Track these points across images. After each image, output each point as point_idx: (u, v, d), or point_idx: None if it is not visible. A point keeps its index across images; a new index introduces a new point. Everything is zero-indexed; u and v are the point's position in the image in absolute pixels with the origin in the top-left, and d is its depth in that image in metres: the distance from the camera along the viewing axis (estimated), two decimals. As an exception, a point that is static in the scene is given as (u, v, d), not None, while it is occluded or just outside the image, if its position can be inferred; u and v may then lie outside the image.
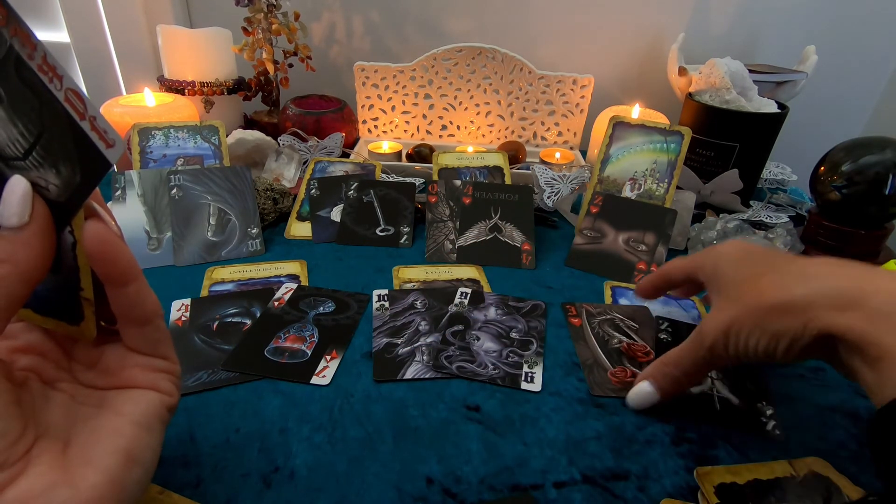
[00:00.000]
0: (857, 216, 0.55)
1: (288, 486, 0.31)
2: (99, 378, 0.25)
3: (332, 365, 0.40)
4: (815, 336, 0.28)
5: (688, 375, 0.35)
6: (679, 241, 0.60)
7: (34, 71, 0.20)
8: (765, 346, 0.30)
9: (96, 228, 0.23)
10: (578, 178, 0.66)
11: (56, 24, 0.88)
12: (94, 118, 0.22)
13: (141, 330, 0.26)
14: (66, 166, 0.22)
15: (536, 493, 0.31)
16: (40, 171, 0.22)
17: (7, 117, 0.22)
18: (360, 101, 0.82)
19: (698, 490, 0.31)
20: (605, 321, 0.46)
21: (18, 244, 0.21)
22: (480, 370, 0.40)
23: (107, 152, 0.22)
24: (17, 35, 0.20)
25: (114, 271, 0.24)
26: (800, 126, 0.88)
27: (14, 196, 0.22)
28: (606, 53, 0.92)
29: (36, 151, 0.22)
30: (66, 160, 0.22)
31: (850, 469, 0.32)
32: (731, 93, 0.65)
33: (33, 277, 0.22)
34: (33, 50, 0.20)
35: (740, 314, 0.31)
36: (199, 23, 0.93)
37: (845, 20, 0.88)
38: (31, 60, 0.20)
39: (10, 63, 0.20)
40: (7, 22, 0.20)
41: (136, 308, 0.25)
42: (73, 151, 0.22)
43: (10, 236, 0.21)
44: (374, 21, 0.92)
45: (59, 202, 0.23)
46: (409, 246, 0.59)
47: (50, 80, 0.21)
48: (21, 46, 0.20)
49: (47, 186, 0.22)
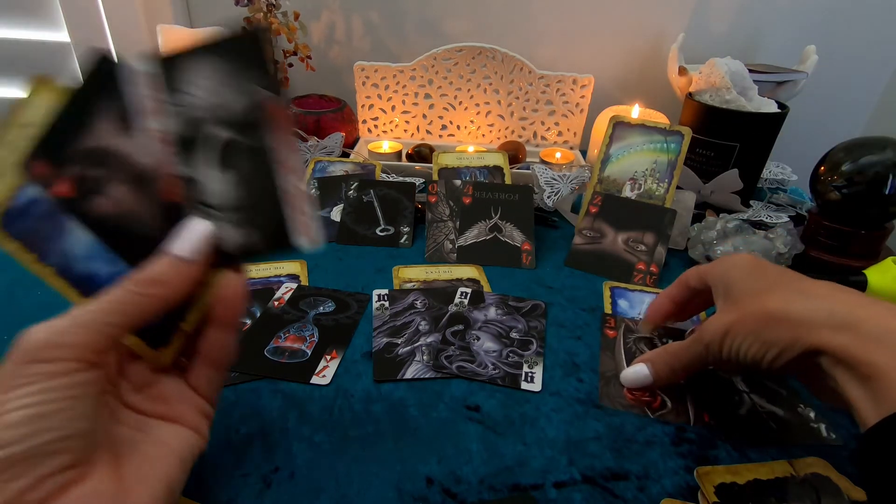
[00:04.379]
0: (857, 216, 0.55)
1: (288, 486, 0.31)
2: (145, 403, 0.26)
3: (332, 365, 0.40)
4: (803, 350, 0.29)
5: (684, 368, 0.37)
6: (679, 241, 0.60)
7: (280, 166, 0.26)
8: (754, 353, 0.31)
9: (239, 280, 0.27)
10: (578, 177, 0.66)
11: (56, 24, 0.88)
12: (305, 214, 0.26)
13: (213, 373, 0.28)
14: (255, 235, 0.26)
15: (536, 493, 0.31)
16: (229, 227, 0.26)
17: (232, 181, 0.26)
18: (360, 101, 0.82)
19: (698, 490, 0.31)
20: (643, 339, 0.45)
21: (178, 273, 0.25)
22: (480, 370, 0.40)
23: (302, 242, 0.26)
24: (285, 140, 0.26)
25: (231, 318, 0.27)
26: (800, 126, 0.88)
27: (195, 234, 0.25)
28: (606, 53, 0.92)
29: (237, 213, 0.26)
30: (259, 229, 0.26)
31: (850, 469, 0.32)
32: (731, 93, 0.65)
33: (174, 303, 0.25)
34: (290, 153, 0.26)
35: (740, 319, 0.32)
36: (199, 23, 0.93)
37: (845, 20, 0.88)
38: (284, 160, 0.26)
39: (265, 152, 0.26)
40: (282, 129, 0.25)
41: (223, 353, 0.28)
42: (269, 229, 0.26)
43: (174, 263, 0.25)
44: (374, 21, 0.92)
45: (226, 252, 0.26)
46: (409, 246, 0.59)
47: (287, 175, 0.26)
48: (282, 147, 0.25)
49: (226, 239, 0.26)
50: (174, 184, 0.26)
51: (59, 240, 0.26)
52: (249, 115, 0.26)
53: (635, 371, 0.38)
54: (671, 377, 0.38)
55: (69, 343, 0.22)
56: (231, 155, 0.26)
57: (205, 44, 0.26)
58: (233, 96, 0.26)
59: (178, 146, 0.27)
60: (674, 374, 0.37)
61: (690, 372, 0.37)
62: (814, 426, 0.37)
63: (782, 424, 0.37)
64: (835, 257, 0.57)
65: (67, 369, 0.21)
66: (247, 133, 0.26)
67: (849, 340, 0.27)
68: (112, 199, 0.26)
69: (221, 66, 0.26)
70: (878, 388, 0.26)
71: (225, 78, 0.26)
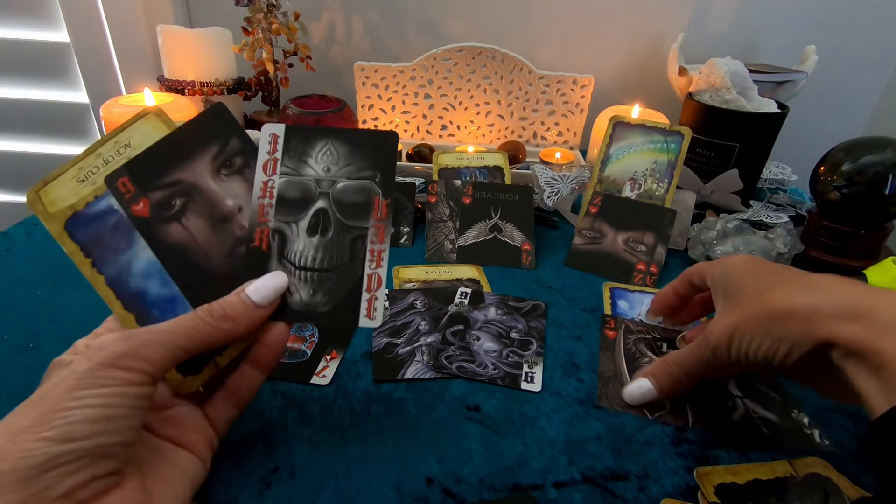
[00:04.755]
0: (857, 216, 0.55)
1: (288, 486, 0.31)
2: (159, 425, 0.27)
3: (332, 365, 0.40)
4: (814, 344, 0.29)
5: (689, 376, 0.36)
6: (679, 241, 0.60)
7: (366, 248, 0.29)
8: (765, 351, 0.31)
9: (284, 330, 0.29)
10: (578, 178, 0.66)
11: (56, 24, 0.88)
12: (376, 298, 0.29)
13: (232, 409, 0.30)
14: (323, 298, 0.29)
15: (536, 493, 0.31)
16: (303, 286, 0.29)
17: (316, 245, 0.29)
18: (360, 101, 0.82)
19: (698, 490, 0.31)
20: (642, 340, 0.45)
21: (247, 315, 0.27)
22: (480, 370, 0.40)
23: (362, 319, 0.29)
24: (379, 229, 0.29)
25: (269, 362, 0.29)
26: (800, 126, 0.88)
27: (272, 284, 0.28)
28: (606, 53, 0.92)
29: (312, 273, 0.29)
30: (327, 295, 0.29)
31: (850, 469, 0.32)
32: (731, 93, 0.65)
33: (233, 340, 0.27)
34: (379, 242, 0.29)
35: (746, 318, 0.32)
36: (199, 23, 0.93)
37: (845, 20, 0.88)
38: (371, 244, 0.29)
39: (357, 233, 0.29)
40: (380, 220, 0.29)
41: (249, 391, 0.30)
42: (338, 297, 0.29)
43: (248, 306, 0.27)
44: (374, 21, 0.92)
45: (290, 307, 0.29)
46: (409, 246, 0.59)
47: (371, 260, 0.29)
48: (373, 234, 0.29)
49: (294, 294, 0.29)
50: (265, 233, 0.29)
51: (122, 253, 0.28)
52: (355, 198, 0.29)
53: (638, 386, 0.37)
54: (675, 388, 0.36)
55: (147, 357, 0.23)
56: (323, 222, 0.29)
57: (339, 129, 0.30)
58: (346, 176, 0.29)
59: (279, 202, 0.29)
60: (678, 385, 0.36)
61: (696, 380, 0.36)
62: (807, 432, 0.36)
63: (775, 430, 0.36)
64: (835, 257, 0.57)
65: (139, 380, 0.22)
66: (346, 213, 0.29)
67: (860, 330, 0.27)
68: (186, 229, 0.29)
69: (348, 149, 0.29)
70: (889, 378, 0.25)
71: (346, 160, 0.29)
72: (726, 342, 0.32)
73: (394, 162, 0.29)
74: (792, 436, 0.36)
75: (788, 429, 0.36)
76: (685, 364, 0.35)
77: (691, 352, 0.35)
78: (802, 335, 0.29)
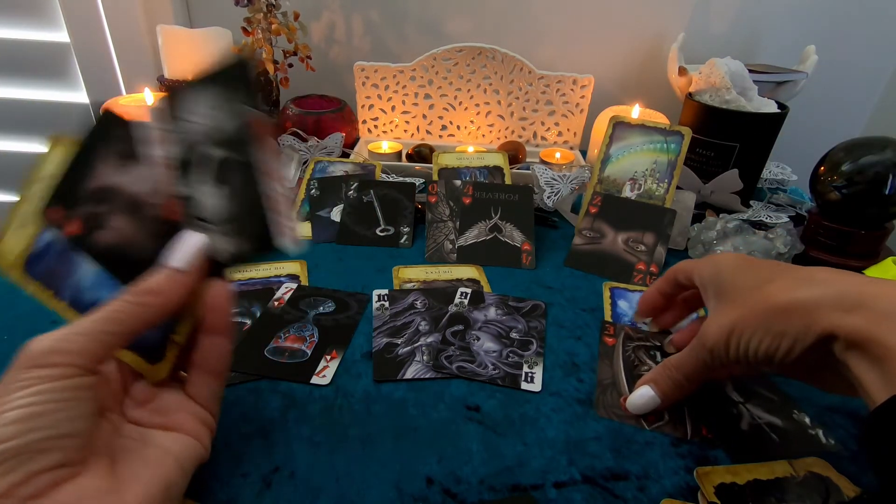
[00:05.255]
0: (857, 216, 0.55)
1: (288, 486, 0.31)
2: (147, 416, 0.28)
3: (332, 365, 0.40)
4: (816, 337, 0.28)
5: (689, 379, 0.35)
6: (679, 241, 0.60)
7: (266, 176, 0.28)
8: (766, 348, 0.30)
9: (225, 288, 0.28)
10: (578, 178, 0.66)
11: (56, 24, 0.88)
12: (288, 219, 0.28)
13: (210, 381, 0.29)
14: (245, 241, 0.28)
15: (536, 493, 0.31)
16: (221, 237, 0.28)
17: (225, 195, 0.28)
18: (360, 101, 0.82)
19: (698, 490, 0.31)
20: (641, 347, 0.44)
21: (174, 283, 0.26)
22: (480, 370, 0.40)
23: (286, 244, 0.28)
24: (270, 153, 0.28)
25: (221, 323, 0.28)
26: (800, 126, 0.88)
27: (189, 247, 0.27)
28: (606, 53, 0.92)
29: (229, 224, 0.28)
30: (247, 237, 0.28)
31: (850, 469, 0.32)
32: (731, 93, 0.65)
33: (169, 313, 0.27)
34: (276, 164, 0.28)
35: (744, 316, 0.31)
36: (199, 23, 0.93)
37: (845, 20, 0.88)
38: (269, 171, 0.28)
39: (254, 166, 0.28)
40: (268, 143, 0.28)
41: (218, 360, 0.29)
42: (256, 234, 0.28)
43: (170, 274, 0.26)
44: (374, 21, 0.92)
45: (216, 262, 0.28)
46: (409, 246, 0.59)
47: (274, 184, 0.28)
48: (267, 160, 0.28)
49: (218, 249, 0.28)
50: (174, 203, 0.29)
51: (72, 275, 0.29)
52: (239, 133, 0.28)
53: (641, 395, 0.36)
54: (677, 393, 0.36)
55: (68, 350, 0.23)
56: (225, 171, 0.29)
57: (201, 75, 0.29)
58: (225, 118, 0.29)
59: (180, 169, 0.29)
60: (680, 390, 0.36)
61: (697, 383, 0.35)
62: (811, 433, 0.36)
63: (783, 435, 0.36)
64: (835, 257, 0.57)
65: (64, 374, 0.22)
66: (237, 149, 0.28)
67: (861, 320, 0.27)
68: (113, 229, 0.29)
69: (215, 92, 0.29)
70: (890, 368, 0.25)
71: (218, 102, 0.29)
72: (724, 342, 0.32)
73: (252, 76, 0.29)
74: (798, 439, 0.36)
75: (794, 432, 0.36)
76: (684, 367, 0.35)
77: (689, 355, 0.35)
78: (804, 329, 0.29)
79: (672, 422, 0.37)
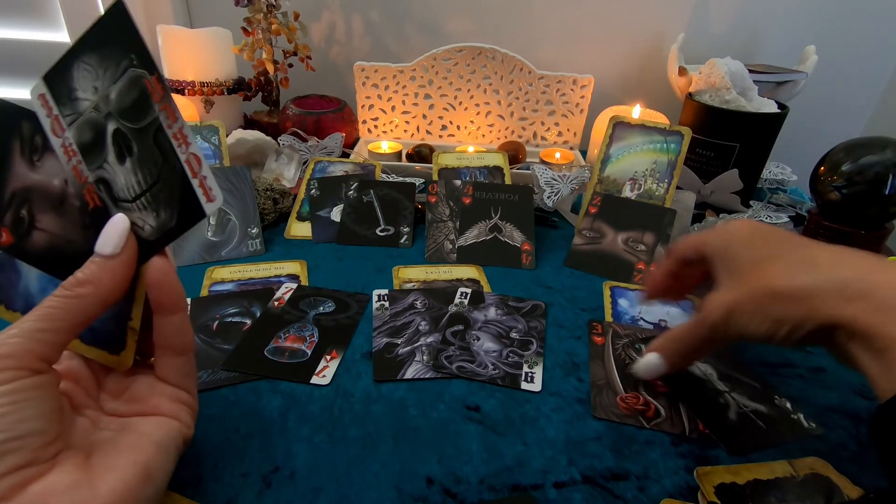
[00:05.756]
0: (857, 216, 0.55)
1: (288, 486, 0.31)
2: (124, 406, 0.28)
3: (332, 365, 0.40)
4: (816, 325, 0.28)
5: (691, 351, 0.36)
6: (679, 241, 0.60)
7: (169, 137, 0.25)
8: (765, 331, 0.30)
9: (164, 262, 0.27)
10: (578, 178, 0.66)
11: (56, 24, 0.88)
12: (204, 178, 0.26)
13: (176, 360, 0.29)
14: (166, 212, 0.26)
15: (536, 493, 0.31)
16: (143, 213, 0.27)
17: (132, 168, 0.26)
18: (360, 101, 0.82)
19: (698, 490, 0.31)
20: (631, 344, 0.44)
21: (105, 270, 0.25)
22: (480, 370, 0.40)
23: (206, 205, 0.26)
24: (166, 110, 0.25)
25: (168, 300, 0.27)
26: (800, 126, 0.88)
27: (114, 230, 0.26)
28: (606, 53, 0.92)
29: (145, 197, 0.26)
30: (168, 207, 0.26)
31: (850, 469, 0.32)
32: (731, 93, 0.65)
33: (109, 301, 0.26)
34: (174, 122, 0.25)
35: (743, 297, 0.31)
36: (199, 23, 0.93)
37: (845, 20, 0.88)
38: (170, 129, 0.25)
39: (152, 129, 0.25)
40: (161, 100, 0.25)
41: (177, 337, 0.28)
42: (176, 201, 0.26)
43: (100, 262, 0.26)
44: (374, 21, 0.92)
45: (148, 240, 0.27)
46: (409, 246, 0.59)
47: (179, 144, 0.25)
48: (165, 118, 0.25)
49: (143, 227, 0.27)
50: (91, 191, 0.28)
51: (18, 283, 0.29)
52: (126, 97, 0.26)
53: (647, 362, 0.37)
54: (682, 361, 0.37)
55: (6, 353, 0.23)
56: (121, 143, 0.26)
57: (76, 42, 0.26)
58: (107, 84, 0.26)
59: (83, 153, 0.27)
60: (684, 358, 0.36)
61: (702, 353, 0.36)
62: (794, 418, 0.37)
63: (769, 422, 0.36)
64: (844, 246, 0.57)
65: (7, 378, 0.22)
66: (129, 116, 0.26)
67: (862, 311, 0.26)
68: (43, 230, 0.28)
69: (95, 56, 0.26)
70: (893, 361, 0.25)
71: (100, 67, 0.26)
72: (724, 321, 0.31)
73: (136, 32, 0.26)
74: (783, 425, 0.36)
75: (778, 418, 0.37)
76: (685, 340, 0.35)
77: (690, 328, 0.35)
78: (803, 317, 0.28)
79: (670, 419, 0.37)
